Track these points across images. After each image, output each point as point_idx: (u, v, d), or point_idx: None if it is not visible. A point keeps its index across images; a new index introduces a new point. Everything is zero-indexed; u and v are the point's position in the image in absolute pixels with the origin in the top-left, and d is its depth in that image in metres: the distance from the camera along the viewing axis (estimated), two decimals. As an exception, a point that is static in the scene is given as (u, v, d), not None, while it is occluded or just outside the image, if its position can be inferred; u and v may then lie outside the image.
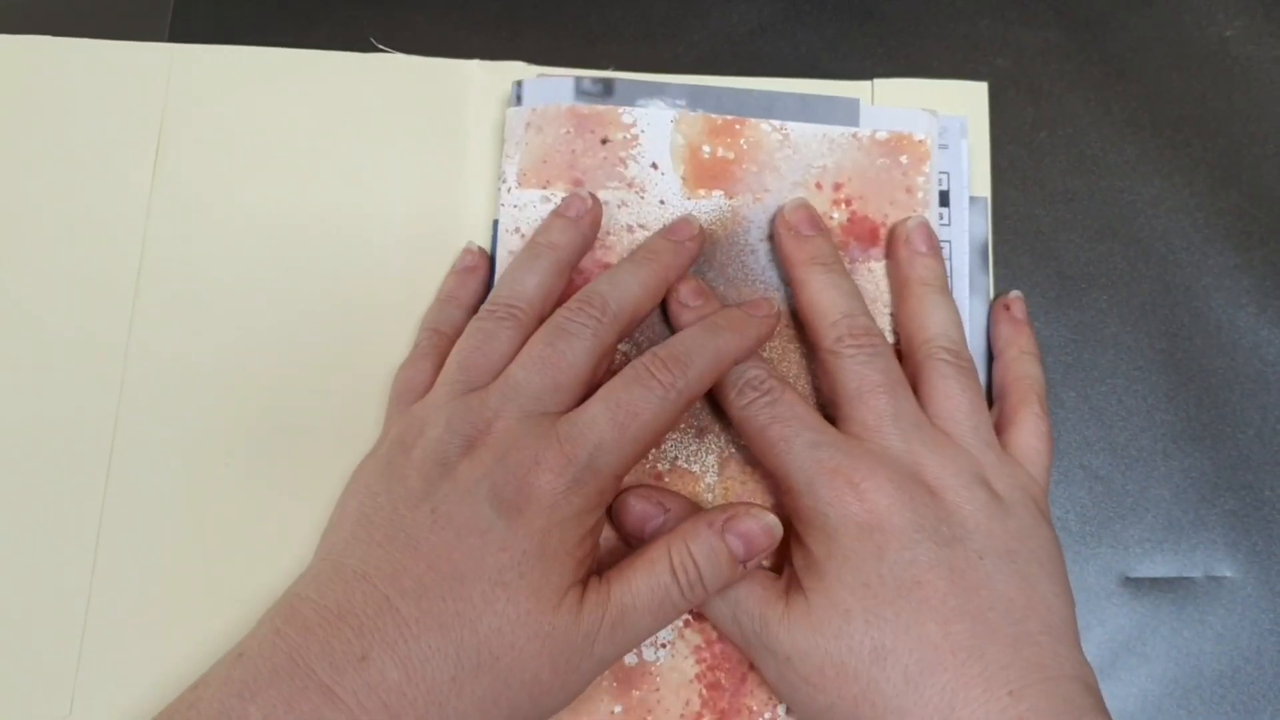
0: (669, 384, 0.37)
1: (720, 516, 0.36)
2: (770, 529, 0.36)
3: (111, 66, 0.46)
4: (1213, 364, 0.45)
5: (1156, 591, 0.43)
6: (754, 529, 0.36)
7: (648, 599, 0.35)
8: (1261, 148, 0.47)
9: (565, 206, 0.42)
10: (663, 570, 0.35)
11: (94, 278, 0.44)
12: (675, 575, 0.35)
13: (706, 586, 0.36)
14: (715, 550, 0.36)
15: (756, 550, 0.36)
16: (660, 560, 0.36)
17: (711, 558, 0.36)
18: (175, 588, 0.41)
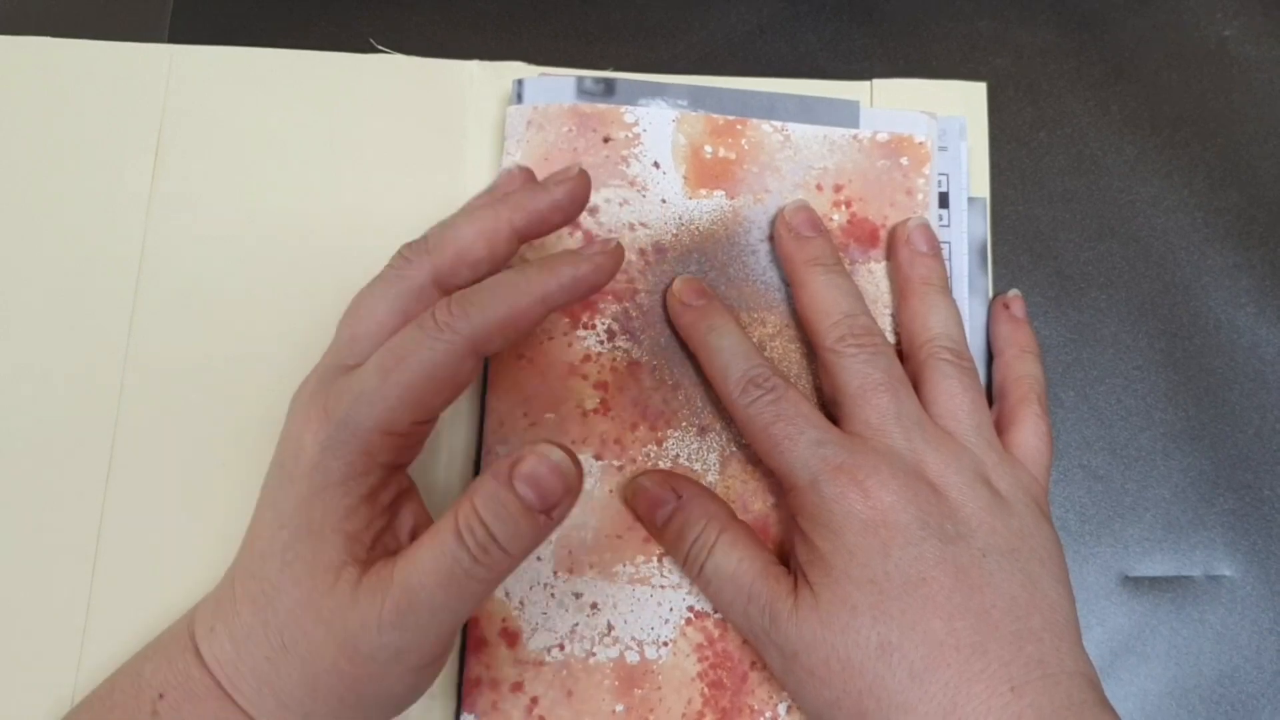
0: (445, 324, 0.32)
1: (505, 464, 0.31)
2: (559, 467, 0.31)
3: (111, 67, 0.46)
4: (1212, 363, 0.45)
5: (1156, 591, 0.43)
6: (540, 470, 0.31)
7: (435, 574, 0.31)
8: (1260, 147, 0.47)
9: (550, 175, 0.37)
10: (447, 537, 0.31)
11: (93, 278, 0.44)
12: (462, 539, 0.31)
13: (503, 547, 0.31)
14: (503, 503, 0.31)
15: (550, 495, 0.31)
16: (445, 527, 0.31)
17: (499, 512, 0.31)
18: (174, 588, 0.41)
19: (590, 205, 0.43)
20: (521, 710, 0.40)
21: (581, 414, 0.42)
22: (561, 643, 0.40)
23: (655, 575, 0.41)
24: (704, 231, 0.43)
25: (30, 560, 0.42)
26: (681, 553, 0.39)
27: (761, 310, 0.43)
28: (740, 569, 0.38)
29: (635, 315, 0.43)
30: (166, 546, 0.42)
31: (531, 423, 0.42)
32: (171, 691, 0.33)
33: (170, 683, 0.33)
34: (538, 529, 0.31)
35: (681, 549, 0.39)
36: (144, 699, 0.33)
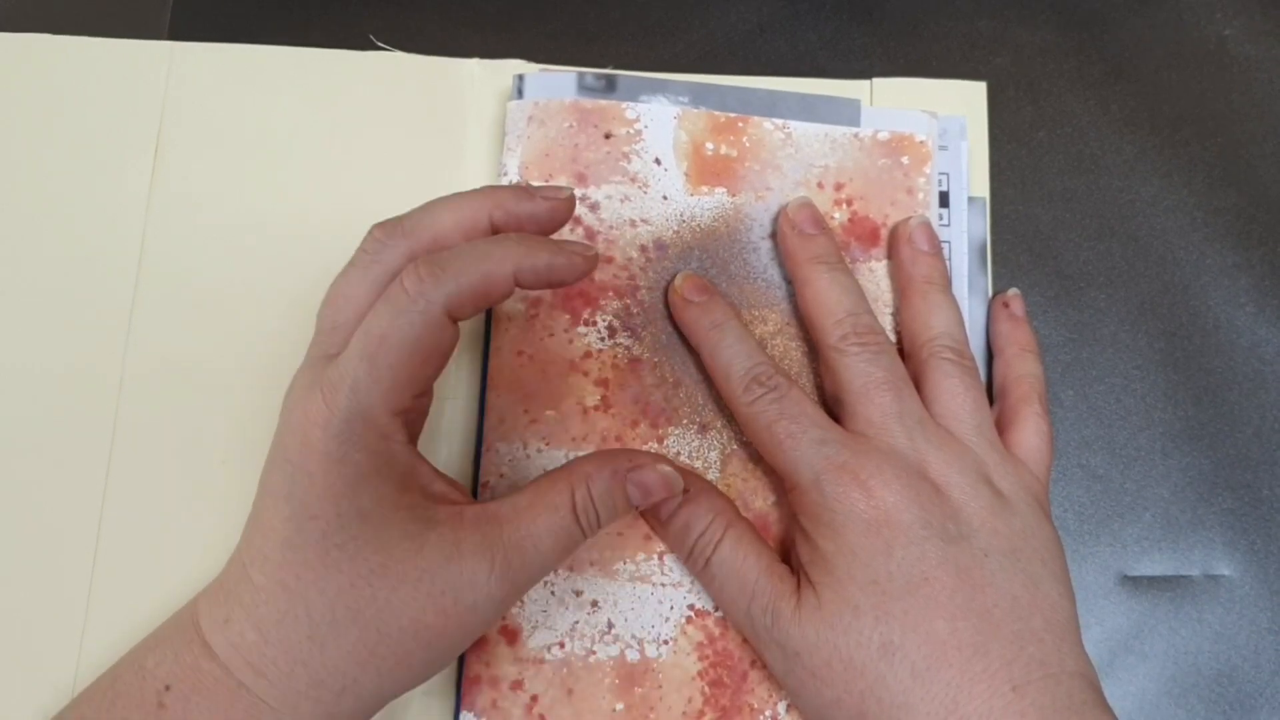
0: (416, 293, 0.33)
1: (625, 464, 0.36)
2: (668, 481, 0.37)
3: (111, 64, 0.46)
4: (1211, 363, 0.45)
5: (1154, 590, 0.43)
6: (654, 481, 0.37)
7: (551, 541, 0.35)
8: (1260, 147, 0.47)
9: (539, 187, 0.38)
10: (565, 514, 0.35)
11: (93, 275, 0.44)
12: (577, 518, 0.35)
13: (603, 524, 0.36)
14: (615, 497, 0.36)
15: (652, 500, 0.37)
16: (563, 505, 0.35)
17: (611, 504, 0.36)
18: (174, 581, 0.41)
19: (591, 201, 0.43)
20: (521, 708, 0.40)
21: (582, 411, 0.42)
22: (562, 641, 0.40)
23: (656, 573, 0.41)
24: (705, 228, 0.43)
25: (31, 554, 0.42)
26: (685, 547, 0.39)
27: (762, 308, 0.43)
28: (745, 566, 0.38)
29: (636, 312, 0.43)
30: (166, 541, 0.42)
31: (532, 419, 0.42)
32: (179, 683, 0.33)
33: (176, 675, 0.33)
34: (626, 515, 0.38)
35: (686, 544, 0.39)
36: (149, 691, 0.33)
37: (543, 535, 0.35)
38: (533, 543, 0.35)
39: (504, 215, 0.36)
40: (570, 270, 0.35)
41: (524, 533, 0.35)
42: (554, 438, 0.42)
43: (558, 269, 0.35)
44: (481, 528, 0.34)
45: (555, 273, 0.35)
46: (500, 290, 0.34)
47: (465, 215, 0.35)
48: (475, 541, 0.34)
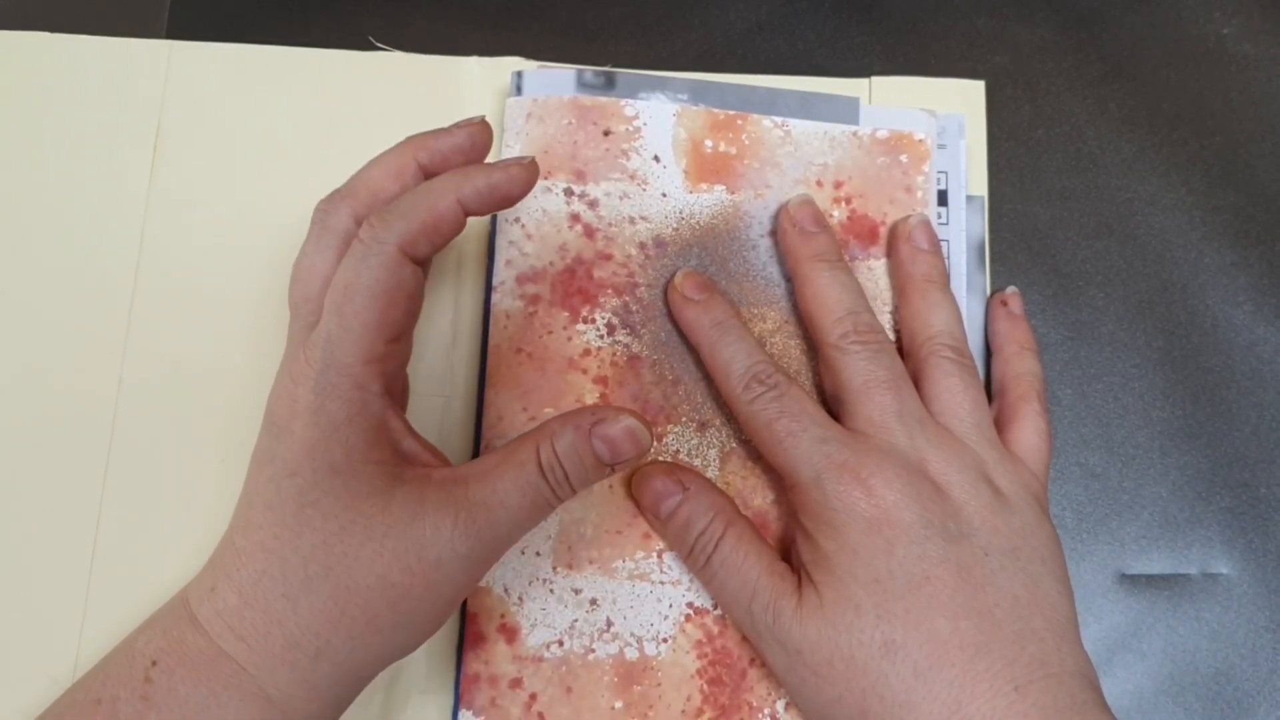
0: (372, 238, 0.34)
1: (588, 419, 0.36)
2: (634, 433, 0.36)
3: (109, 63, 0.46)
4: (1209, 362, 0.45)
5: (1152, 588, 0.43)
6: (618, 434, 0.35)
7: (518, 498, 0.35)
8: (1258, 146, 0.47)
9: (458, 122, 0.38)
10: (531, 470, 0.35)
11: (92, 274, 0.44)
12: (544, 475, 0.35)
13: (574, 485, 0.36)
14: (581, 453, 0.35)
15: (621, 455, 0.36)
16: (529, 461, 0.35)
17: (577, 460, 0.35)
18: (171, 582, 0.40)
19: (590, 198, 0.43)
20: (520, 707, 0.40)
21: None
22: (560, 639, 0.40)
23: (655, 571, 0.41)
24: (704, 226, 0.43)
25: (30, 551, 0.42)
26: (686, 545, 0.39)
27: (762, 306, 0.43)
28: (746, 564, 0.38)
29: (635, 309, 0.43)
30: (165, 537, 0.42)
31: (531, 417, 0.42)
32: (165, 658, 0.33)
33: (163, 650, 0.34)
34: (601, 476, 0.36)
35: (686, 541, 0.39)
36: (137, 668, 0.34)
37: (510, 492, 0.35)
38: (499, 499, 0.34)
39: (428, 155, 0.37)
40: (511, 183, 0.36)
41: (489, 490, 0.34)
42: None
43: (498, 186, 0.35)
44: (447, 487, 0.35)
45: (497, 190, 0.35)
46: (449, 220, 0.35)
47: (392, 165, 0.37)
48: (439, 499, 0.34)
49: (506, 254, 0.43)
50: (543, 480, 0.35)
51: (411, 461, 0.36)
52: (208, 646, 0.33)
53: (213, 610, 0.33)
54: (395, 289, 0.34)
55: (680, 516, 0.39)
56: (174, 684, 0.33)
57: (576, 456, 0.35)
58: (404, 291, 0.35)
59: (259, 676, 0.33)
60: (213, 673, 0.33)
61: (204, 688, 0.33)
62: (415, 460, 0.36)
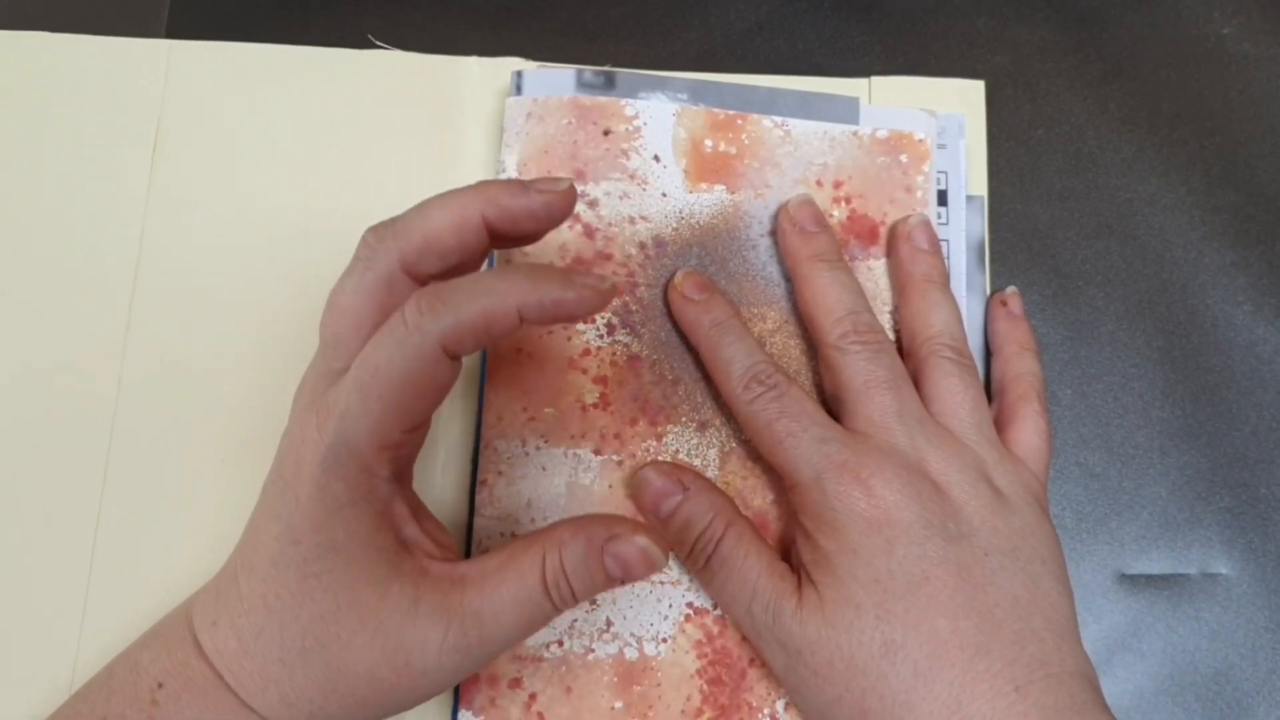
0: (415, 325, 0.31)
1: (601, 533, 0.34)
2: (648, 554, 0.34)
3: (108, 62, 0.46)
4: (1209, 362, 0.45)
5: (1152, 588, 0.43)
6: (633, 556, 0.34)
7: (515, 612, 0.33)
8: (1258, 145, 0.47)
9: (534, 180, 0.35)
10: (534, 583, 0.33)
11: (92, 274, 0.44)
12: (547, 589, 0.33)
13: (577, 599, 0.34)
14: (592, 570, 0.34)
15: (632, 576, 0.34)
16: (532, 572, 0.33)
17: (587, 576, 0.34)
18: (172, 584, 0.41)
19: (590, 198, 0.43)
20: (520, 707, 0.40)
21: (581, 408, 0.42)
22: (560, 639, 0.40)
23: (654, 571, 0.41)
24: (704, 226, 0.43)
25: (29, 552, 0.42)
26: (686, 545, 0.39)
27: (762, 306, 0.43)
28: (746, 564, 0.38)
29: (635, 309, 0.43)
30: (164, 539, 0.42)
31: (530, 417, 0.41)
32: (170, 681, 0.33)
33: (169, 672, 0.34)
34: (609, 589, 0.35)
35: (687, 541, 0.39)
36: (143, 687, 0.34)
37: (506, 606, 0.33)
38: (494, 612, 0.33)
39: (497, 212, 0.33)
40: (580, 305, 0.32)
41: (486, 600, 0.33)
42: (552, 435, 0.41)
43: (566, 304, 0.32)
44: (443, 588, 0.33)
45: (564, 308, 0.32)
46: (503, 326, 0.31)
47: (456, 214, 0.33)
48: (433, 603, 0.33)
49: (506, 253, 0.43)
50: (545, 597, 0.33)
51: (412, 550, 0.34)
52: (213, 677, 0.33)
53: (214, 646, 0.33)
54: (426, 383, 0.32)
55: (680, 516, 0.39)
56: (180, 709, 0.33)
57: (586, 572, 0.34)
58: (435, 386, 0.32)
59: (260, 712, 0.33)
60: (220, 704, 0.33)
61: (210, 716, 0.33)
62: (416, 548, 0.35)
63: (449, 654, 0.33)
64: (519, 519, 0.41)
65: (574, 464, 0.41)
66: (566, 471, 0.41)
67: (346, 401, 0.31)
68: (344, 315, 0.33)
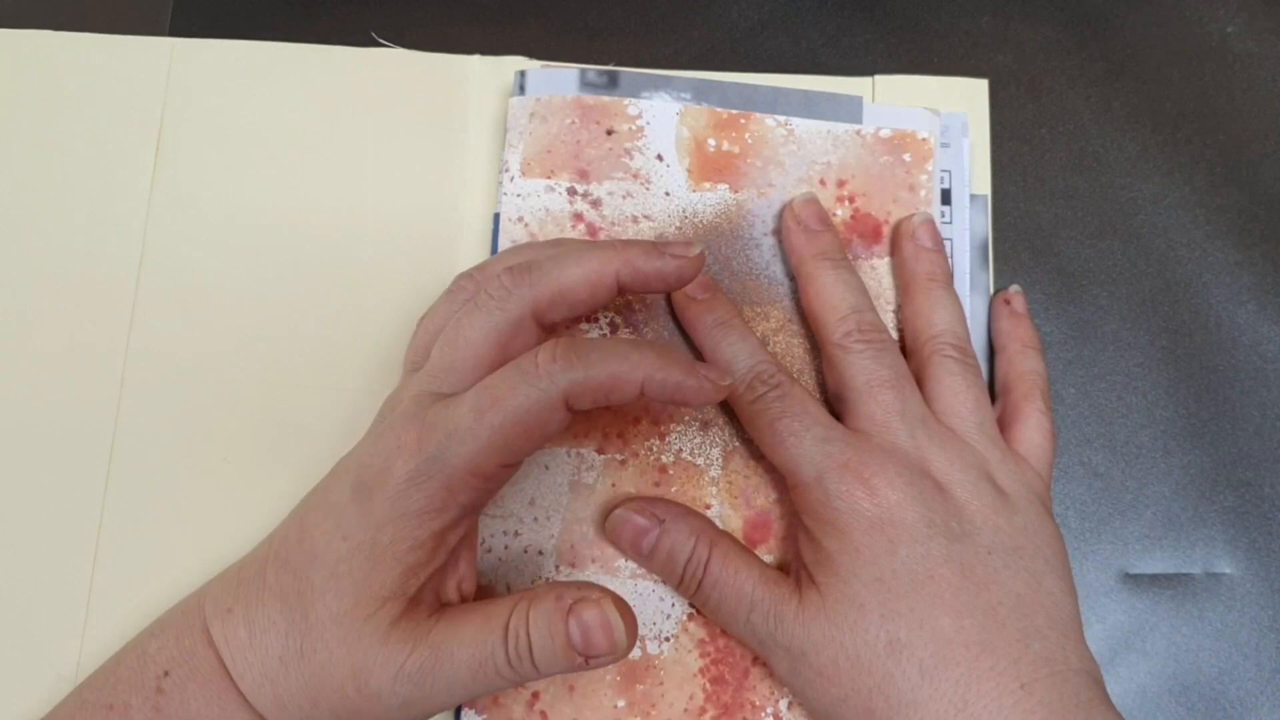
0: (546, 372, 0.32)
1: (571, 594, 0.33)
2: (610, 627, 0.33)
3: (112, 61, 0.46)
4: (1213, 361, 0.45)
5: (1155, 588, 0.43)
6: (594, 622, 0.33)
7: (469, 655, 0.33)
8: (1262, 144, 0.47)
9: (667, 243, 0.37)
10: (495, 629, 0.33)
11: (94, 273, 0.44)
12: (505, 640, 0.33)
13: (536, 665, 0.33)
14: (554, 630, 0.33)
15: (592, 648, 0.33)
16: (499, 615, 0.33)
17: (547, 636, 0.33)
18: (175, 582, 0.41)
19: (593, 198, 0.43)
20: (523, 705, 0.40)
21: (583, 408, 0.42)
22: (563, 637, 0.40)
23: (657, 570, 0.41)
24: (707, 225, 0.43)
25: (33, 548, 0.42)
26: (675, 575, 0.39)
27: (765, 305, 0.43)
28: (739, 580, 0.38)
29: (638, 308, 0.43)
30: (168, 536, 0.42)
31: (534, 416, 0.41)
32: (177, 669, 0.34)
33: (176, 660, 0.34)
34: (571, 666, 0.33)
35: (675, 571, 0.39)
36: (149, 675, 0.34)
37: (463, 644, 0.33)
38: (449, 648, 0.33)
39: (631, 273, 0.35)
40: (697, 394, 0.34)
41: (448, 633, 0.33)
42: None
43: (686, 390, 0.33)
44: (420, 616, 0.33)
45: (682, 393, 0.34)
46: (623, 394, 0.33)
47: (592, 270, 0.35)
48: (407, 628, 0.33)
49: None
50: (501, 643, 0.33)
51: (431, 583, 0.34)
52: (218, 666, 0.33)
53: (223, 634, 0.34)
54: (539, 425, 0.33)
55: (662, 549, 0.39)
56: (185, 698, 0.33)
57: (547, 629, 0.33)
58: (544, 430, 0.33)
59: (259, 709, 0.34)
60: (225, 693, 0.33)
61: (215, 706, 0.33)
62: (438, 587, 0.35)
63: (402, 682, 0.32)
64: (521, 518, 0.41)
65: (577, 462, 0.41)
66: (569, 470, 0.41)
67: (458, 422, 0.32)
68: (466, 346, 0.34)
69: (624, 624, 0.33)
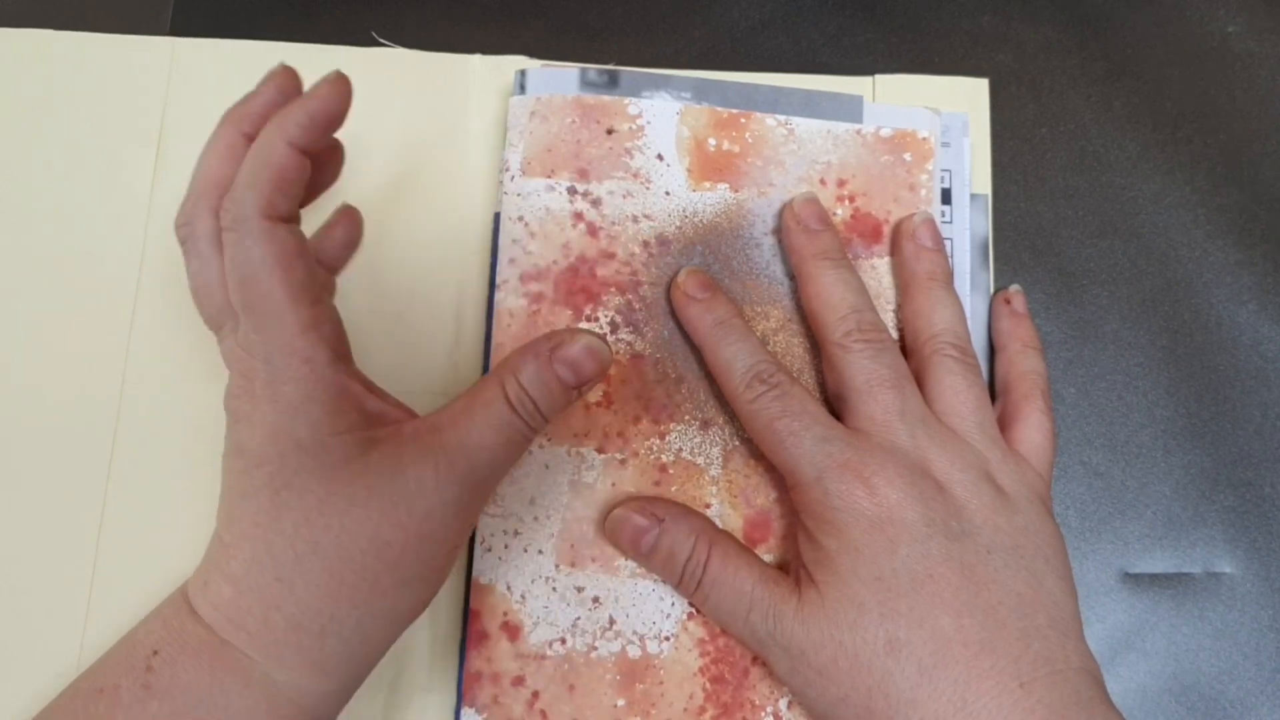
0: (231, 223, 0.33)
1: (545, 345, 0.36)
2: (593, 350, 0.36)
3: (113, 60, 0.46)
4: (1213, 360, 0.45)
5: (1156, 587, 0.43)
6: (578, 354, 0.36)
7: (493, 436, 0.35)
8: (1262, 144, 0.47)
9: None
10: (501, 407, 0.35)
11: (95, 272, 0.44)
12: (514, 409, 0.35)
13: (544, 414, 0.36)
14: (545, 380, 0.36)
15: (584, 375, 0.36)
16: (496, 399, 0.35)
17: (543, 387, 0.36)
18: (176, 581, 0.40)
19: (593, 197, 0.43)
20: (523, 705, 0.40)
21: (584, 406, 0.42)
22: (563, 637, 0.40)
23: (657, 569, 0.41)
24: (708, 224, 0.43)
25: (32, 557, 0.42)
26: (675, 574, 0.39)
27: (765, 304, 0.43)
28: (738, 579, 0.38)
29: (639, 308, 0.43)
30: (168, 535, 0.42)
31: (534, 416, 0.42)
32: (166, 647, 0.34)
33: (164, 640, 0.34)
34: (570, 400, 0.37)
35: (674, 570, 0.39)
36: (138, 656, 0.34)
37: (484, 432, 0.35)
38: (474, 441, 0.35)
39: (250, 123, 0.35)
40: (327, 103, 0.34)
41: (463, 433, 0.35)
42: (556, 434, 0.42)
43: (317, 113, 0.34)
44: (421, 438, 0.35)
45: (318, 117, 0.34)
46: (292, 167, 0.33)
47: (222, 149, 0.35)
48: (416, 451, 0.34)
49: (510, 252, 0.43)
50: (514, 415, 0.35)
51: (380, 420, 0.36)
52: (209, 637, 0.33)
53: (209, 604, 0.34)
54: (284, 255, 0.33)
55: (662, 548, 0.39)
56: (176, 672, 0.33)
57: (542, 384, 0.36)
58: (292, 253, 0.33)
59: (264, 663, 0.33)
60: (215, 661, 0.33)
61: (207, 675, 0.33)
62: (384, 419, 0.36)
63: (445, 486, 0.34)
64: (522, 517, 0.41)
65: (577, 462, 0.41)
66: (570, 469, 0.41)
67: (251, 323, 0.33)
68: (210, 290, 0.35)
69: (598, 341, 0.37)
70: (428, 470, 0.34)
